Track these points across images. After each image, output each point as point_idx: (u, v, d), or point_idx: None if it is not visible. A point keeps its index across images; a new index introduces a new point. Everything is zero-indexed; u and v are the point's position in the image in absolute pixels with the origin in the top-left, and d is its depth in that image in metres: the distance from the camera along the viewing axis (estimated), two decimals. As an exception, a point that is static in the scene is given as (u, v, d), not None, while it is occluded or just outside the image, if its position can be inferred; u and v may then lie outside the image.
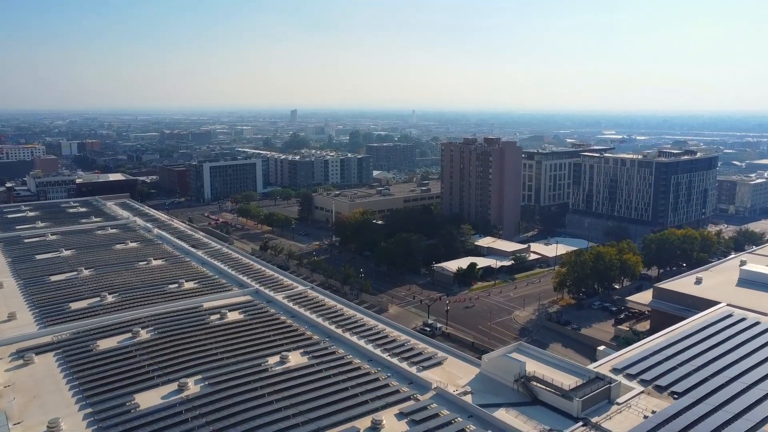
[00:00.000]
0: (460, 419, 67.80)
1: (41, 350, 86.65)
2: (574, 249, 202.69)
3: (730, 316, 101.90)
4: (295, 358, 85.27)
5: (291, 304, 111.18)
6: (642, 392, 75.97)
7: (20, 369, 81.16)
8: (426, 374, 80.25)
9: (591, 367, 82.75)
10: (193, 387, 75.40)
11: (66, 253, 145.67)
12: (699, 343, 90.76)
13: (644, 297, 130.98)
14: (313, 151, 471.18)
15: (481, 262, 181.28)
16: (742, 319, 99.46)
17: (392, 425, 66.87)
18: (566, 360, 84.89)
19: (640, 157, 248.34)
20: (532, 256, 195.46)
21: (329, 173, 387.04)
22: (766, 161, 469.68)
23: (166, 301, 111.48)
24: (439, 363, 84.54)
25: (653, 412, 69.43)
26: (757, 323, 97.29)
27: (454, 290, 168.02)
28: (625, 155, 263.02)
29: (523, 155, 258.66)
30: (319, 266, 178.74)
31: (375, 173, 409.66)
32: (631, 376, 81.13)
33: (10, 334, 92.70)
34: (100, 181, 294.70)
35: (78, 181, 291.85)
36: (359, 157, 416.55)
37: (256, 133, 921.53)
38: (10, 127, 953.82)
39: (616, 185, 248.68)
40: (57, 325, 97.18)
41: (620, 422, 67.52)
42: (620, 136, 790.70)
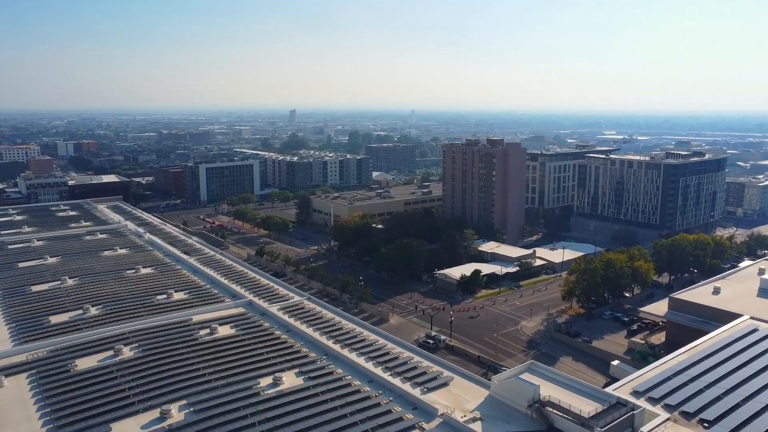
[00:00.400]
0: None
1: (13, 371, 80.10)
2: (581, 254, 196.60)
3: (755, 330, 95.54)
4: (290, 380, 79.22)
5: (286, 316, 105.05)
6: (668, 419, 69.82)
7: (-13, 394, 74.52)
8: (431, 397, 74.74)
9: (610, 389, 76.69)
10: (176, 414, 69.24)
11: (51, 260, 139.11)
12: (725, 361, 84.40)
13: (659, 308, 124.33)
14: (312, 151, 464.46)
15: (485, 268, 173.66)
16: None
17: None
18: (583, 382, 78.59)
19: (647, 158, 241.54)
20: (538, 262, 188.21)
21: (328, 174, 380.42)
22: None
23: (153, 314, 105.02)
24: (445, 384, 79.06)
25: (684, 444, 63.30)
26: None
27: (457, 298, 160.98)
28: (632, 157, 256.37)
29: (526, 156, 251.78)
30: (317, 273, 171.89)
31: (374, 174, 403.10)
32: (654, 400, 75.01)
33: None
34: (93, 183, 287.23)
35: (70, 183, 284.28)
36: (358, 158, 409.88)
37: (255, 134, 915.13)
38: (7, 127, 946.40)
39: (622, 187, 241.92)
40: (34, 342, 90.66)
41: (647, 457, 61.55)
42: (621, 137, 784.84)
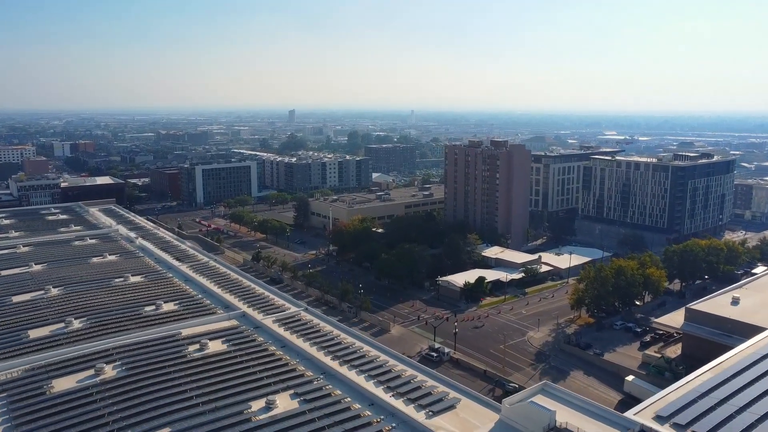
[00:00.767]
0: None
1: (-17, 395, 73.68)
2: (588, 260, 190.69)
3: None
4: (284, 402, 72.94)
5: (282, 330, 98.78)
6: (699, 451, 63.73)
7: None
8: (437, 422, 68.77)
9: (631, 414, 70.48)
10: (158, 446, 62.91)
11: (36, 267, 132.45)
12: (756, 381, 77.97)
13: (674, 319, 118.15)
14: (311, 152, 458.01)
15: (490, 275, 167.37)
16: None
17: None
18: (602, 407, 72.26)
19: (654, 160, 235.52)
20: (544, 268, 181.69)
21: (327, 176, 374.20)
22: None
23: (140, 327, 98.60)
24: (452, 407, 72.89)
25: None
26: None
27: (461, 307, 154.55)
28: (638, 158, 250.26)
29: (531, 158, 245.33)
30: (315, 280, 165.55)
31: (374, 176, 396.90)
32: (680, 427, 68.62)
33: (-51, 374, 79.47)
34: (86, 185, 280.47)
35: (63, 185, 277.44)
36: (358, 159, 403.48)
37: (254, 134, 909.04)
38: (5, 128, 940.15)
39: (629, 190, 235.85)
40: (10, 360, 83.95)
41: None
42: (622, 137, 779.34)
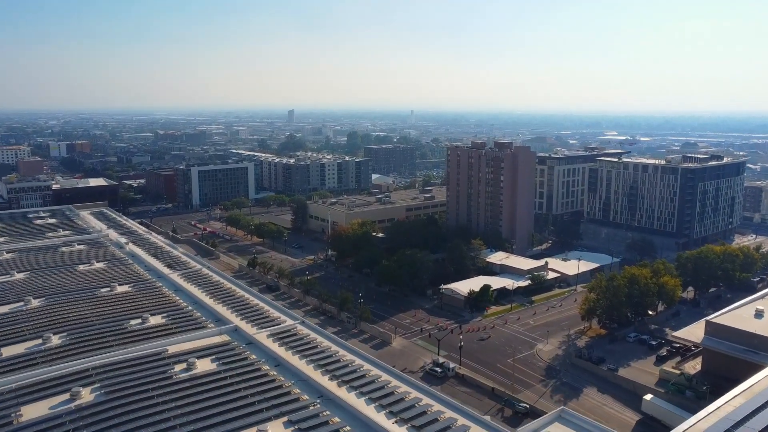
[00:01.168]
0: None
1: (-56, 425, 66.86)
2: (596, 266, 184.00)
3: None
4: (277, 432, 66.25)
5: (276, 345, 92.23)
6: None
7: None
8: (445, 453, 62.11)
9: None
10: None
11: (18, 276, 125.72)
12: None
13: (693, 332, 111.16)
14: (310, 153, 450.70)
15: (495, 282, 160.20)
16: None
17: None
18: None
19: (663, 162, 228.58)
20: (550, 275, 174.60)
21: (326, 178, 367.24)
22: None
23: (123, 344, 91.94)
24: (461, 436, 66.25)
25: None
26: None
27: (465, 317, 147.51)
28: (646, 160, 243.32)
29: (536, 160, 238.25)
30: (313, 288, 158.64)
31: (374, 177, 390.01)
32: (717, 464, 61.79)
33: None
34: (79, 186, 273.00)
35: (54, 186, 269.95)
36: (357, 160, 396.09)
37: (253, 134, 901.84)
38: (2, 128, 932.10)
39: (636, 193, 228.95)
40: (-22, 383, 77.34)
41: None
42: (624, 138, 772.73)
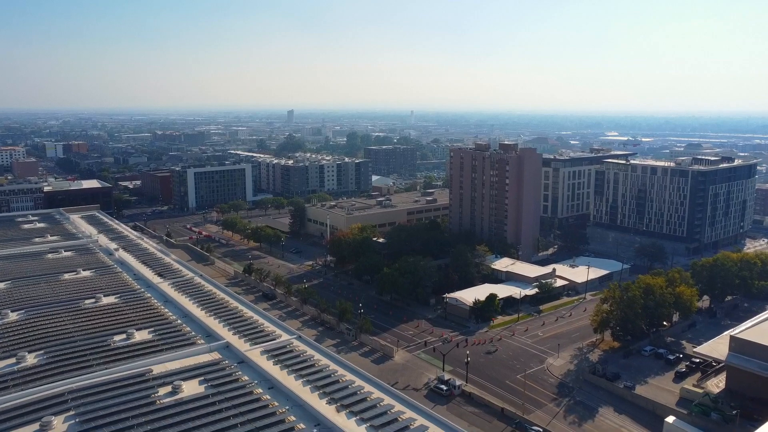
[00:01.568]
0: None
1: None
2: (606, 273, 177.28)
3: None
4: (268, 471, 59.43)
5: (270, 364, 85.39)
6: None
7: None
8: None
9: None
10: None
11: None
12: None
13: (716, 348, 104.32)
14: (309, 154, 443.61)
15: (501, 291, 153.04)
16: None
17: None
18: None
19: (672, 164, 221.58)
20: (558, 282, 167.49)
21: (325, 179, 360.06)
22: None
23: (105, 363, 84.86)
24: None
25: None
26: None
27: (470, 327, 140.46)
28: (655, 162, 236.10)
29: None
30: (311, 297, 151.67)
31: (374, 179, 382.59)
32: None
33: None
34: (71, 189, 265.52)
35: (46, 189, 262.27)
36: (357, 161, 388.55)
37: (252, 134, 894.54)
38: (0, 127, 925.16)
39: (645, 196, 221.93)
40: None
41: None
42: (625, 138, 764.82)
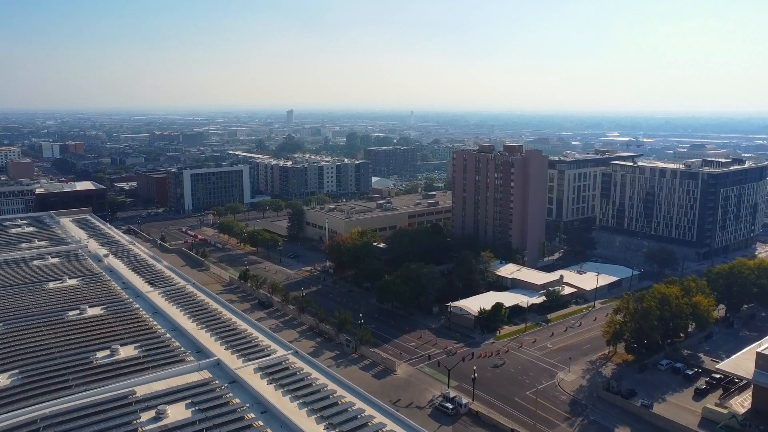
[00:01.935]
0: None
1: None
2: (615, 279, 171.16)
3: None
4: None
5: (264, 384, 79.48)
6: None
7: None
8: None
9: None
10: None
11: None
12: None
13: (741, 365, 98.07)
14: (308, 155, 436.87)
15: (507, 299, 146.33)
16: None
17: None
18: None
19: (681, 166, 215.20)
20: (566, 289, 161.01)
21: (324, 181, 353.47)
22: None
23: (86, 383, 78.82)
24: None
25: None
26: None
27: (475, 338, 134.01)
28: (663, 164, 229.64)
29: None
30: (309, 305, 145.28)
31: (374, 180, 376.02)
32: None
33: None
34: (64, 191, 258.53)
35: (38, 191, 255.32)
36: (357, 163, 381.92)
37: (251, 135, 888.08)
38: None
39: (653, 199, 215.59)
40: None
41: None
42: (626, 139, 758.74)
